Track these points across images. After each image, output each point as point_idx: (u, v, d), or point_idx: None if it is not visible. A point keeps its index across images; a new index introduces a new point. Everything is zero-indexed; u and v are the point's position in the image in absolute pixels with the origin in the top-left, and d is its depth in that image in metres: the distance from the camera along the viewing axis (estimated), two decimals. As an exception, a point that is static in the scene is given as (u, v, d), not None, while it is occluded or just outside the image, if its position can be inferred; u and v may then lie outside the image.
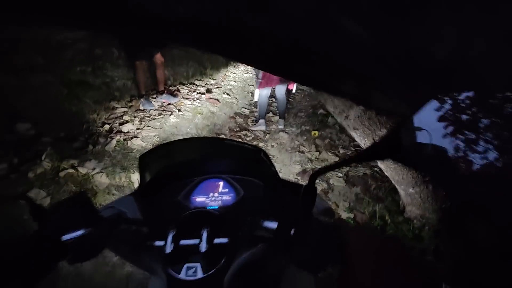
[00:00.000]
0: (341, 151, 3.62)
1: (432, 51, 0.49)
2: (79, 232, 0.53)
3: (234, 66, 5.87)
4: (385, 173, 1.40)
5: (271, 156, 3.47)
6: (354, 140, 3.84)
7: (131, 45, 3.46)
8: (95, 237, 0.54)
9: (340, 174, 3.15)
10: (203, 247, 0.57)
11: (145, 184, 0.76)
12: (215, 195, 0.79)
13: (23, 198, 0.55)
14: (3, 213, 1.71)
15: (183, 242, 0.58)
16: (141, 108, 3.64)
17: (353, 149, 3.68)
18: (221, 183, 0.81)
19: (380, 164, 1.32)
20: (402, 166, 1.32)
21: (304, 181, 2.87)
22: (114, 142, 2.86)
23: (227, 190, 0.80)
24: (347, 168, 3.24)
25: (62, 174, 2.23)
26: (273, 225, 0.55)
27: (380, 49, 0.54)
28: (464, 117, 0.60)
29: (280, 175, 0.77)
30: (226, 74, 5.55)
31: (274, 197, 0.63)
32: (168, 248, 0.56)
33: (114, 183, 2.42)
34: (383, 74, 0.62)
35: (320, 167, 0.58)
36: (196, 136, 3.22)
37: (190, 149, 0.82)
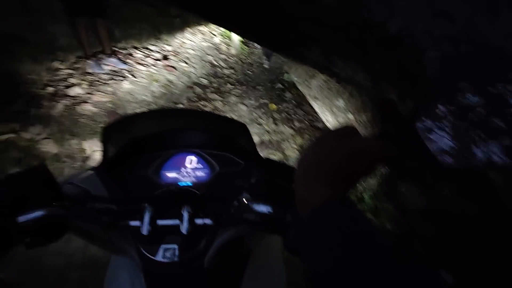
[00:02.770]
0: (297, 124, 3.80)
1: (386, 23, 0.58)
2: (39, 213, 0.46)
3: (192, 33, 5.61)
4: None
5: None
6: (309, 114, 4.06)
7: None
8: (57, 217, 0.48)
9: (295, 146, 3.34)
10: (184, 228, 0.52)
11: (109, 158, 0.69)
12: (188, 171, 0.73)
13: None
14: None
15: (161, 222, 0.53)
16: (89, 70, 3.34)
17: (308, 123, 3.88)
18: (194, 157, 0.75)
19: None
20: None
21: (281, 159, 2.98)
22: (60, 106, 2.62)
23: (200, 165, 0.74)
24: (302, 140, 3.44)
25: (1, 138, 2.01)
26: (263, 208, 0.51)
27: (343, 18, 0.61)
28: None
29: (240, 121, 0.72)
30: (184, 41, 5.28)
31: (256, 176, 0.58)
32: (145, 229, 0.51)
33: (64, 151, 2.26)
34: (344, 43, 0.70)
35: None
36: (166, 107, 2.98)
37: (159, 121, 0.76)
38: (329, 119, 1.35)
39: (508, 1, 0.55)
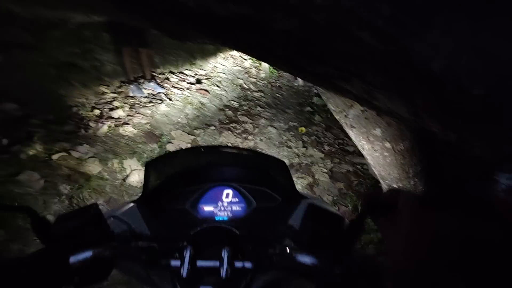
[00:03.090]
0: (327, 148, 3.78)
1: (429, 61, 0.60)
2: (88, 253, 0.48)
3: (224, 58, 5.88)
4: (374, 169, 1.54)
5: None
6: (338, 138, 4.02)
7: (120, 31, 3.45)
8: (104, 258, 0.50)
9: (325, 170, 3.30)
10: (224, 271, 0.51)
11: (149, 191, 0.71)
12: (224, 205, 0.73)
13: (24, 210, 0.50)
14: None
15: (200, 263, 0.53)
16: (131, 94, 3.61)
17: (337, 147, 3.85)
18: (230, 191, 0.74)
19: (371, 160, 1.45)
20: (391, 163, 1.45)
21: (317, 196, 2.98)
22: (105, 127, 2.84)
23: (236, 199, 0.73)
24: (332, 164, 3.40)
25: (55, 157, 2.21)
26: (307, 259, 0.49)
27: (385, 58, 0.64)
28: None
29: (279, 158, 0.73)
30: (216, 65, 5.55)
31: (300, 221, 0.56)
32: (185, 270, 0.50)
33: (107, 169, 2.42)
34: (386, 79, 0.73)
35: (373, 202, 0.57)
36: (206, 145, 3.03)
37: (198, 157, 0.78)
38: (365, 147, 1.35)
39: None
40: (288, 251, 0.51)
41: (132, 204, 0.70)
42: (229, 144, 3.43)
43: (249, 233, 0.59)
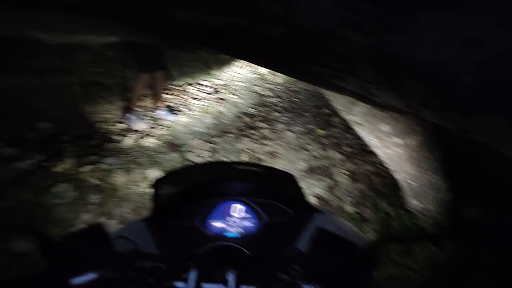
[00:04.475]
0: (346, 149, 3.73)
1: (415, 54, 0.62)
2: (90, 276, 0.47)
3: (240, 67, 5.99)
4: (388, 166, 1.52)
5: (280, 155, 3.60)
6: (358, 138, 3.95)
7: (140, 56, 3.31)
8: (107, 279, 0.48)
9: (345, 171, 3.26)
10: None
11: (158, 209, 0.70)
12: (235, 220, 0.71)
13: (30, 230, 0.50)
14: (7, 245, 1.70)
15: (206, 286, 0.50)
16: (130, 124, 3.32)
17: (357, 148, 3.78)
18: (240, 206, 0.72)
19: (384, 158, 1.43)
20: (404, 159, 1.43)
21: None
22: (128, 140, 3.01)
23: (247, 215, 0.71)
24: (352, 165, 3.35)
25: (84, 169, 2.38)
26: None
27: (371, 53, 0.66)
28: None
29: (286, 171, 0.73)
30: (232, 74, 5.67)
31: (306, 232, 0.54)
32: None
33: (131, 179, 2.56)
34: (376, 74, 0.74)
35: (387, 236, 0.55)
36: (213, 161, 3.00)
37: (206, 173, 0.78)
38: (375, 143, 1.35)
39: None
40: (295, 278, 0.49)
41: (141, 223, 0.69)
42: (245, 153, 3.49)
43: (259, 253, 0.56)
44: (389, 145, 1.37)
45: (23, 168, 2.27)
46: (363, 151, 3.70)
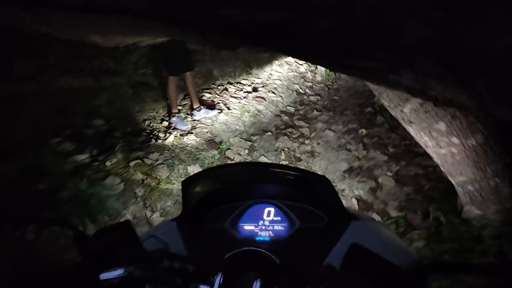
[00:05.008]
0: (391, 150, 3.52)
1: (491, 42, 0.55)
2: (119, 272, 0.48)
3: (279, 65, 5.96)
4: (442, 168, 1.39)
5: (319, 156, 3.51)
6: (405, 139, 3.70)
7: (168, 59, 3.33)
8: (135, 277, 0.49)
9: (389, 173, 3.08)
10: None
11: (189, 210, 0.69)
12: (266, 224, 0.69)
13: (66, 225, 0.52)
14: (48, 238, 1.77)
15: None
16: (176, 127, 3.40)
17: (404, 148, 3.55)
18: (272, 209, 0.70)
19: (437, 159, 1.31)
20: (462, 161, 1.30)
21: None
22: (172, 137, 3.15)
23: (279, 218, 0.69)
24: (398, 167, 3.15)
25: (132, 164, 2.54)
26: None
27: (437, 44, 0.60)
28: None
29: (326, 172, 0.67)
30: (271, 73, 5.66)
31: (340, 243, 0.51)
32: None
33: (173, 174, 2.68)
34: (440, 67, 0.67)
35: (440, 261, 0.46)
36: (247, 161, 3.00)
37: (237, 174, 0.75)
38: (429, 144, 1.24)
39: None
40: None
41: (171, 223, 0.69)
42: (283, 152, 3.45)
43: (289, 261, 0.54)
44: (445, 145, 1.25)
45: (80, 161, 2.48)
46: (410, 152, 3.45)
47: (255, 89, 4.84)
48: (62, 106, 2.89)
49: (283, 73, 5.77)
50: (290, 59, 6.11)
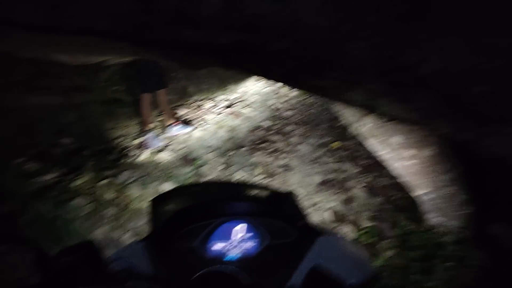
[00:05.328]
0: (363, 162, 3.65)
1: (422, 63, 0.61)
2: None
3: (255, 81, 6.08)
4: (403, 179, 1.47)
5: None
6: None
7: (142, 76, 3.34)
8: None
9: (361, 185, 3.18)
10: None
11: (156, 230, 0.68)
12: (236, 242, 0.68)
13: (27, 243, 0.51)
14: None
15: None
16: (148, 146, 3.31)
17: (374, 160, 3.69)
18: (244, 225, 0.69)
19: (397, 170, 1.39)
20: (421, 171, 1.38)
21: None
22: (145, 154, 3.08)
23: (251, 234, 0.69)
24: (369, 179, 3.26)
25: (101, 183, 2.45)
26: None
27: (381, 64, 0.66)
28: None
29: (302, 185, 0.71)
30: (247, 89, 5.75)
31: (304, 262, 0.52)
32: None
33: (145, 192, 2.61)
34: (386, 85, 0.73)
35: None
36: (213, 180, 2.98)
37: (205, 193, 0.75)
38: (387, 156, 1.31)
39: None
40: None
41: (139, 243, 0.68)
42: (258, 167, 3.48)
43: (257, 279, 0.54)
44: (404, 158, 1.33)
45: (45, 182, 2.37)
46: (380, 164, 3.60)
47: (230, 105, 4.89)
48: (27, 124, 2.77)
49: (259, 89, 5.88)
50: (265, 75, 6.27)
